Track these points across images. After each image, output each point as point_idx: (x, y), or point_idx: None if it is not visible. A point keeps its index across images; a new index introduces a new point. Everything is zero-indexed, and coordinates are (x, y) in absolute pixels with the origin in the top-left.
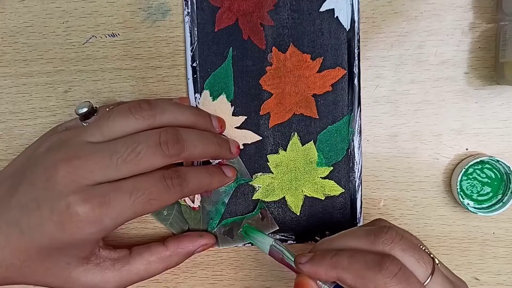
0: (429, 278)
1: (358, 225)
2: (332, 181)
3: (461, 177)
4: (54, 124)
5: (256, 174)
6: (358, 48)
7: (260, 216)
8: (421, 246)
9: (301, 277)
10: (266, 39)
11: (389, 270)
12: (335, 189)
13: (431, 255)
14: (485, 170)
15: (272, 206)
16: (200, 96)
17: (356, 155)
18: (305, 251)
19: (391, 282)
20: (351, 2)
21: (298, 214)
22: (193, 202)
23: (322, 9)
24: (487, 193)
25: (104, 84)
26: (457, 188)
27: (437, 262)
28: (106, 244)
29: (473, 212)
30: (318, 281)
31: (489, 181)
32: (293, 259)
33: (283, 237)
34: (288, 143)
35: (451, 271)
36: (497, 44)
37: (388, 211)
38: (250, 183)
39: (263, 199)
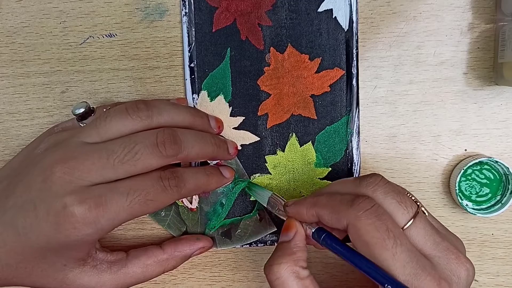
0: (410, 222)
1: None
2: (331, 182)
3: (460, 178)
4: (51, 125)
5: (254, 175)
6: (357, 49)
7: (258, 217)
8: (408, 194)
9: (288, 219)
10: (264, 39)
11: (361, 206)
12: None
13: (417, 203)
14: (484, 171)
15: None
16: (198, 97)
17: (354, 156)
18: None
19: (361, 216)
20: (349, 2)
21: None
22: (191, 203)
23: (320, 9)
24: (486, 194)
25: (102, 84)
26: (456, 189)
27: (423, 210)
28: (103, 246)
29: (471, 213)
30: (303, 224)
31: (488, 182)
32: None
33: None
34: (286, 144)
35: (444, 225)
36: (496, 45)
37: None
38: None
39: None
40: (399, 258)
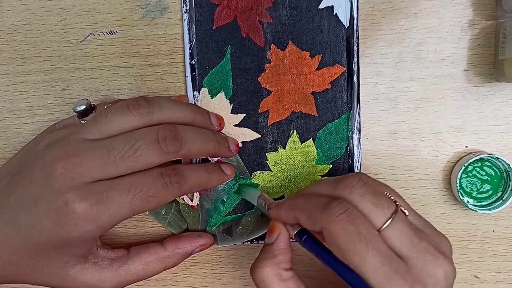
0: (387, 223)
1: None
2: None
3: (461, 175)
4: (52, 122)
5: (255, 172)
6: (357, 46)
7: (260, 214)
8: (387, 194)
9: (272, 221)
10: (264, 36)
11: (334, 210)
12: None
13: (396, 203)
14: (484, 167)
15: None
16: (199, 94)
17: (355, 152)
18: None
19: (333, 221)
20: None
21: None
22: (191, 200)
23: (321, 6)
24: (487, 191)
25: (102, 82)
26: (457, 186)
27: (404, 210)
28: (104, 243)
29: (472, 209)
30: (287, 225)
31: (488, 178)
32: None
33: None
34: (287, 141)
35: (430, 224)
36: (497, 41)
37: None
38: (249, 181)
39: None
40: (371, 263)
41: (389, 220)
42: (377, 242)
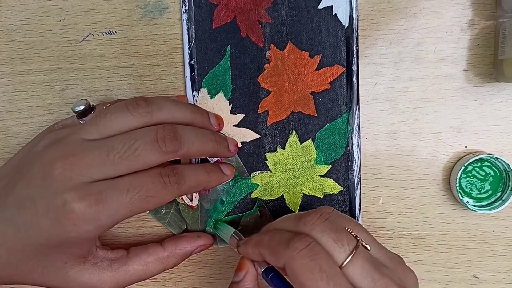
0: (347, 260)
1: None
2: (331, 179)
3: (460, 175)
4: (51, 123)
5: (254, 173)
6: (357, 46)
7: (259, 214)
8: (348, 229)
9: (240, 259)
10: (264, 36)
11: (295, 246)
12: (333, 187)
13: (357, 238)
14: (484, 167)
15: (270, 205)
16: (198, 94)
17: (354, 153)
18: None
19: (295, 256)
20: None
21: (296, 212)
22: (191, 200)
23: (321, 6)
24: (486, 191)
25: (101, 82)
26: (456, 186)
27: (365, 245)
28: (103, 244)
29: (472, 210)
30: (255, 263)
31: (488, 178)
32: None
33: None
34: (287, 141)
35: (397, 257)
36: (496, 41)
37: (387, 209)
38: (248, 181)
39: (262, 198)
40: None
41: (350, 256)
42: (339, 279)
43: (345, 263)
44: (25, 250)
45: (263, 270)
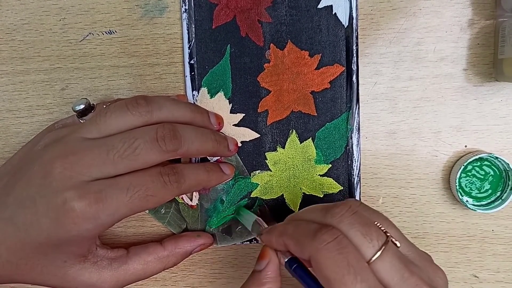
0: (376, 255)
1: None
2: (331, 179)
3: (460, 174)
4: (51, 122)
5: (254, 172)
6: (357, 45)
7: (259, 213)
8: (378, 224)
9: (263, 248)
10: (264, 36)
11: (322, 238)
12: (333, 187)
13: (387, 233)
14: (484, 167)
15: (270, 204)
16: (198, 94)
17: (354, 152)
18: None
19: (322, 249)
20: None
21: (296, 211)
22: (191, 200)
23: (320, 5)
24: (486, 190)
25: (101, 81)
26: (456, 185)
27: (395, 241)
28: (103, 243)
29: (472, 209)
30: (278, 253)
31: (488, 178)
32: None
33: None
34: (287, 140)
35: (426, 255)
36: (496, 41)
37: (386, 208)
38: (248, 181)
39: (262, 197)
40: None
41: (379, 252)
42: (366, 274)
43: (373, 258)
44: (25, 249)
45: (286, 260)
